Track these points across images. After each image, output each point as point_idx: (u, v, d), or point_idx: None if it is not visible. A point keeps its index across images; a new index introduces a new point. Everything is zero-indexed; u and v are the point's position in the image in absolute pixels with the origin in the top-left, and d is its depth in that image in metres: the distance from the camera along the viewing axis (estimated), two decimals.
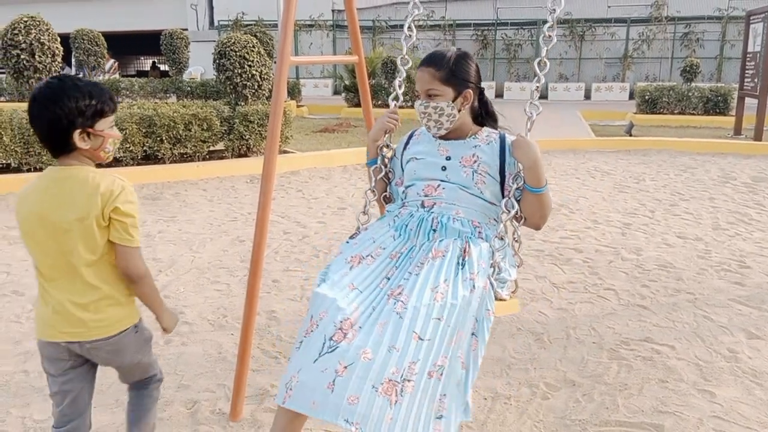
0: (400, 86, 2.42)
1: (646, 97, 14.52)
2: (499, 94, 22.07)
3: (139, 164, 7.74)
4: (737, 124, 11.78)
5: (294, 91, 16.92)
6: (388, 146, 2.36)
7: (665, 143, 10.69)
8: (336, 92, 22.56)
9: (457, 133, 2.18)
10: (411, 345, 1.71)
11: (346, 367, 1.66)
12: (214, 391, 2.91)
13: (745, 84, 11.61)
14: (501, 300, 2.05)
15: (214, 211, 6.30)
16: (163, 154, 7.74)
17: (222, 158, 8.35)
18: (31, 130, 6.88)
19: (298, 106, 16.29)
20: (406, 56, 2.43)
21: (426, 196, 2.13)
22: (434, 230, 2.05)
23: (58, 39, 7.83)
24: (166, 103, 8.53)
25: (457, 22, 22.99)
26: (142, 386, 2.08)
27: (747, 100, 11.72)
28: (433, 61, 2.10)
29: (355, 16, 3.30)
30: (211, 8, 26.62)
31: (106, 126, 1.79)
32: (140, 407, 2.07)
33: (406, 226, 2.09)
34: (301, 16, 22.36)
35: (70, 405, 1.90)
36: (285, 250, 5.04)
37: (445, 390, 1.80)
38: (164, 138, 7.65)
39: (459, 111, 2.12)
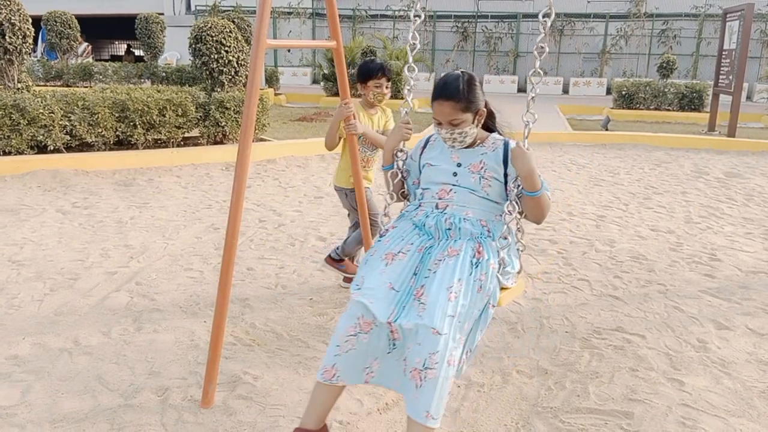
0: (409, 93, 2.64)
1: (623, 93, 14.67)
2: None
3: (111, 149, 7.58)
4: (711, 121, 11.95)
5: (272, 79, 16.75)
6: (402, 151, 2.61)
7: (641, 138, 10.82)
8: (315, 81, 22.40)
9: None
10: (431, 339, 2.01)
11: (389, 357, 2.16)
12: (186, 378, 2.86)
13: (720, 81, 11.78)
14: (506, 288, 2.33)
15: (188, 198, 6.22)
16: (137, 140, 7.59)
17: (197, 145, 8.23)
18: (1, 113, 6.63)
19: (276, 95, 16.12)
20: (413, 64, 2.65)
21: (440, 198, 2.39)
22: (449, 229, 2.32)
23: (30, 20, 7.61)
24: (140, 88, 8.36)
25: (437, 13, 22.94)
26: (356, 228, 3.80)
27: (721, 97, 11.89)
28: (449, 94, 2.28)
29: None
30: None
31: (372, 84, 3.54)
32: (350, 237, 3.86)
33: (425, 225, 2.38)
34: (281, 2, 22.15)
35: (351, 218, 3.91)
36: (260, 238, 4.99)
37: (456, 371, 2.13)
38: (138, 123, 7.50)
39: (477, 127, 2.38)
